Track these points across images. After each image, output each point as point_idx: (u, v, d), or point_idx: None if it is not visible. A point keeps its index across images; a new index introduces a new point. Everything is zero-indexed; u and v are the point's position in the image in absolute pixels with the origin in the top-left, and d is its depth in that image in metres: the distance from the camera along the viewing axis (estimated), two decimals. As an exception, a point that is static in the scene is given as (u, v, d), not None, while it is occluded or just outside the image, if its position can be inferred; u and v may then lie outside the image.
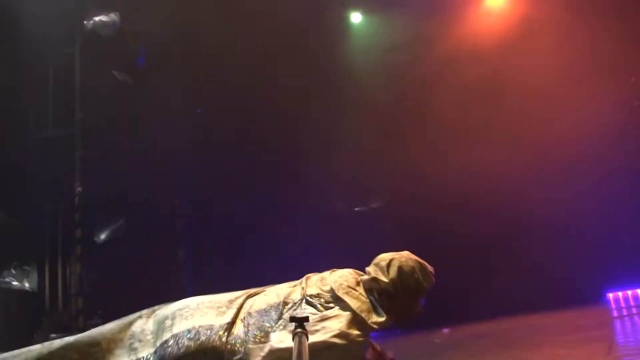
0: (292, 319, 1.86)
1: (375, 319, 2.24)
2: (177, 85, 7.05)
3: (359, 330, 2.19)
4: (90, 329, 6.27)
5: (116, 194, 6.85)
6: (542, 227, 7.04)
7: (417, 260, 2.40)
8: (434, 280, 2.40)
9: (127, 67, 6.92)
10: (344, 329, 2.17)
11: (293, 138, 7.94)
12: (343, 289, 2.32)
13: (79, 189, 6.81)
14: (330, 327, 2.18)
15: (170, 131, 6.95)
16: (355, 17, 8.67)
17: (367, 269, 2.44)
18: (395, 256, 2.39)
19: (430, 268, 2.41)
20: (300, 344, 1.77)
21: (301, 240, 7.11)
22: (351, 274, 2.45)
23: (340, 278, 2.39)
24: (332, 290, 2.32)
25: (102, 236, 7.00)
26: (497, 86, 7.37)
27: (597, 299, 6.69)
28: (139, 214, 6.88)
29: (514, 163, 7.15)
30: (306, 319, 1.87)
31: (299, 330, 1.82)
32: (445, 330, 5.42)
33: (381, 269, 2.35)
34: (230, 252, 7.46)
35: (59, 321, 6.80)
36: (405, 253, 2.44)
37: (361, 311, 2.24)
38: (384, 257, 2.41)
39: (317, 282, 2.42)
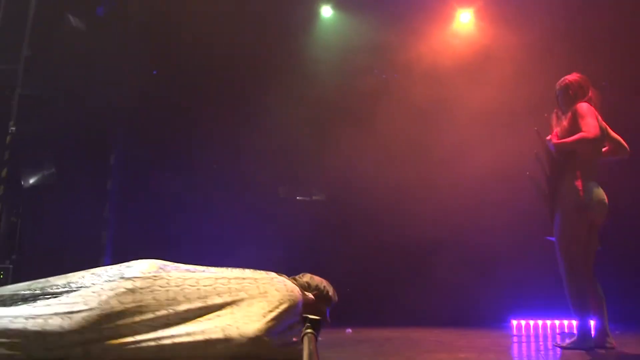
0: (306, 319, 2.06)
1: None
2: (131, 43, 6.86)
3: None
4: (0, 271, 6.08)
5: (50, 140, 6.65)
6: (462, 247, 7.39)
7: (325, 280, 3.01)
8: (336, 299, 2.99)
9: (84, 14, 6.66)
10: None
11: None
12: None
13: (13, 128, 6.54)
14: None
15: (117, 87, 6.78)
16: (326, 11, 8.71)
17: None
18: (307, 274, 3.03)
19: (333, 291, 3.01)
20: (310, 344, 1.96)
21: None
22: None
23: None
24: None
25: (30, 180, 6.79)
26: (441, 107, 7.63)
27: (501, 323, 7.12)
28: (70, 165, 6.69)
29: (442, 182, 7.46)
30: (319, 320, 2.07)
31: (309, 331, 1.99)
32: (348, 331, 5.61)
33: (298, 277, 2.96)
34: (156, 218, 7.40)
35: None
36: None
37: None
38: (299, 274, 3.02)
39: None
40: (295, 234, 7.38)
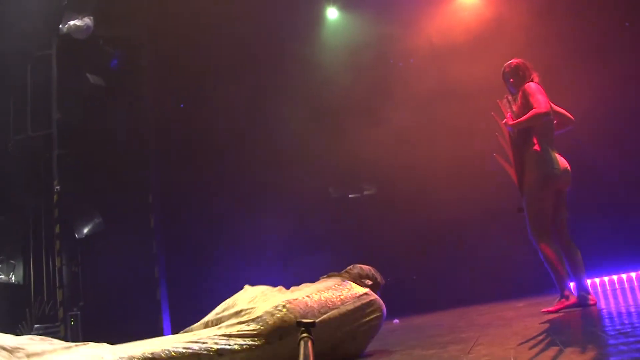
0: (299, 323, 2.06)
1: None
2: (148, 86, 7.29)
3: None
4: (70, 320, 6.60)
5: (92, 191, 7.15)
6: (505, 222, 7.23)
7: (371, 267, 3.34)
8: (384, 281, 3.32)
9: (100, 70, 7.14)
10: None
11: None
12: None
13: (57, 187, 7.10)
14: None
15: (140, 130, 7.21)
16: (332, 13, 8.83)
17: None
18: (356, 264, 3.32)
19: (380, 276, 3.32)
20: (306, 349, 1.95)
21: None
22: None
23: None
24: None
25: (82, 232, 7.32)
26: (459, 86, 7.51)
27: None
28: (113, 211, 7.17)
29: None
30: (312, 324, 2.06)
31: (304, 335, 1.99)
32: (396, 321, 5.64)
33: (349, 269, 3.26)
34: (200, 246, 7.78)
35: (41, 313, 7.15)
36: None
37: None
38: (349, 266, 3.32)
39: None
40: (356, 230, 7.52)
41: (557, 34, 7.17)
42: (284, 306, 2.64)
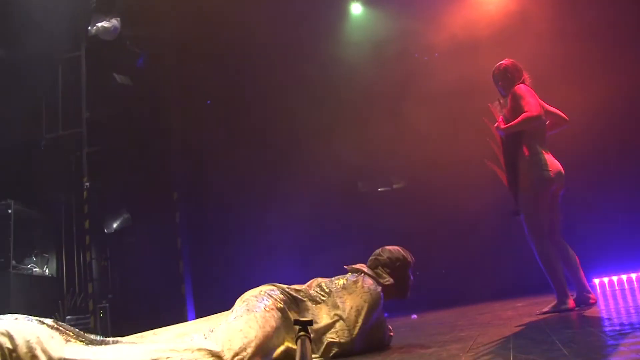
0: (296, 322, 2.10)
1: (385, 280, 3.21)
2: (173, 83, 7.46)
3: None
4: (99, 312, 6.82)
5: (120, 188, 7.38)
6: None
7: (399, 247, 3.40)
8: (414, 259, 3.38)
9: (127, 69, 7.34)
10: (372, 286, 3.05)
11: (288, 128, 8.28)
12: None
13: (87, 183, 7.35)
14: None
15: (165, 128, 7.39)
16: (356, 9, 8.86)
17: (369, 258, 3.37)
18: (385, 247, 3.38)
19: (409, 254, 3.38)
20: (303, 347, 2.00)
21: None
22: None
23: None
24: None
25: (111, 227, 7.56)
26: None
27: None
28: (140, 207, 7.39)
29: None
30: (310, 322, 2.10)
31: (302, 333, 2.03)
32: (414, 317, 5.67)
33: (378, 253, 3.34)
34: (223, 241, 7.93)
35: (73, 304, 7.43)
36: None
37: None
38: (377, 250, 3.39)
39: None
40: (389, 223, 7.57)
41: (582, 26, 7.01)
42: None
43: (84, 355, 2.15)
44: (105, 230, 7.53)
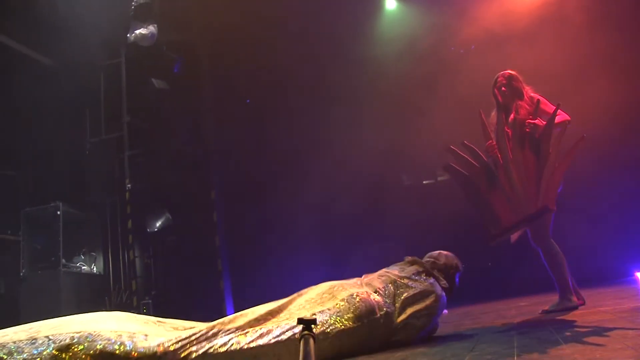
0: (300, 320, 2.09)
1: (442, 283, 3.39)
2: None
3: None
4: (143, 308, 7.09)
5: (160, 188, 7.65)
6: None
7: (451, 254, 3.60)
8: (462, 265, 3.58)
9: (164, 74, 7.58)
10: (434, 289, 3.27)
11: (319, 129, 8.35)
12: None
13: (129, 185, 7.66)
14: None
15: (203, 130, 7.60)
16: (390, 4, 8.85)
17: (425, 259, 3.53)
18: (441, 252, 3.56)
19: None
20: (307, 346, 1.99)
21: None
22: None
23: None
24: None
25: (152, 227, 7.84)
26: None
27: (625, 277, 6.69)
28: (180, 207, 7.64)
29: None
30: (314, 321, 2.11)
31: (305, 332, 2.03)
32: (445, 312, 5.65)
33: (435, 257, 3.50)
34: (260, 238, 8.10)
35: (119, 301, 7.76)
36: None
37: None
38: (434, 253, 3.57)
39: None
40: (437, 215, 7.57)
41: (620, 14, 6.76)
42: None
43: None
44: (148, 230, 7.83)
